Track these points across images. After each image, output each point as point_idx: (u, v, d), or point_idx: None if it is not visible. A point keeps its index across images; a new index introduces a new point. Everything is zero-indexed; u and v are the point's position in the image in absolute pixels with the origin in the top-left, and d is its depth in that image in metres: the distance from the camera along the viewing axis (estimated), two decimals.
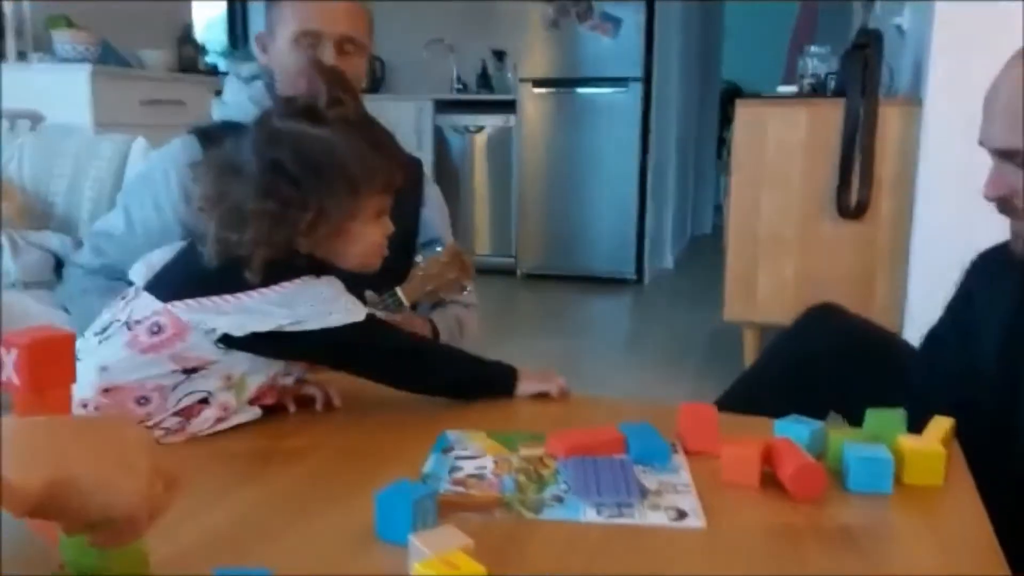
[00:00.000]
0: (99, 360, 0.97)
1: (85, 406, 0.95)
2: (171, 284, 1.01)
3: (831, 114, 2.69)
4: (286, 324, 0.96)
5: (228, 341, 0.97)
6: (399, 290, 1.32)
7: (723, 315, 2.97)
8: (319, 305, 0.98)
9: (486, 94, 5.69)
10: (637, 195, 5.10)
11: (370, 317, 1.03)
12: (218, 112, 1.55)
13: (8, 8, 3.36)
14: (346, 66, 1.47)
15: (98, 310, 1.48)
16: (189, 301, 0.97)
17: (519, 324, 3.94)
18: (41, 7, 3.52)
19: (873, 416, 0.96)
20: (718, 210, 7.29)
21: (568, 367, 3.42)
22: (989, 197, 1.07)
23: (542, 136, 5.22)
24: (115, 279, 1.50)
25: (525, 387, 1.12)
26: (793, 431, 0.95)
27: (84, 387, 0.94)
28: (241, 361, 0.99)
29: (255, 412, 1.02)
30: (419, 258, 1.34)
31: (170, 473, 0.59)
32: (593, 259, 5.20)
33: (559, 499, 0.85)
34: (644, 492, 0.86)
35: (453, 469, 0.92)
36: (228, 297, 0.96)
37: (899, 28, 3.06)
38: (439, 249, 1.29)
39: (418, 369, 1.08)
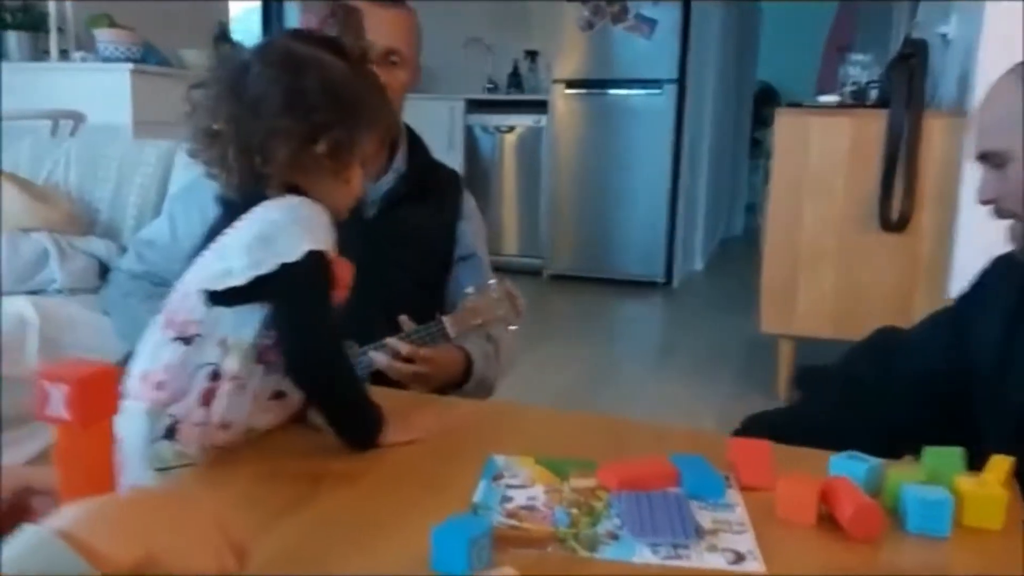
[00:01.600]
0: (143, 350, 0.99)
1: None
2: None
3: (874, 125, 2.66)
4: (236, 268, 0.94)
5: (214, 298, 0.95)
6: (445, 320, 1.31)
7: (759, 327, 2.94)
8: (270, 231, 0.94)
9: (516, 94, 5.68)
10: (668, 197, 5.08)
11: (310, 256, 0.93)
12: None
13: (51, 7, 3.40)
14: (390, 78, 1.47)
15: (139, 315, 1.50)
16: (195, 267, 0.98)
17: (548, 328, 3.93)
18: (83, 6, 3.56)
19: (931, 454, 0.95)
20: (749, 211, 7.23)
21: (599, 374, 3.44)
22: (980, 202, 1.13)
23: (573, 137, 5.21)
24: (157, 285, 1.52)
25: (389, 437, 1.02)
26: (849, 468, 0.93)
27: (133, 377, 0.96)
28: (225, 316, 0.96)
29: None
30: (470, 290, 1.32)
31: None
32: (622, 261, 5.18)
33: (613, 536, 0.85)
34: (700, 531, 0.85)
35: (504, 499, 0.92)
36: (212, 246, 0.96)
37: (944, 37, 3.01)
38: (492, 283, 1.27)
39: (322, 348, 0.97)
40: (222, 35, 4.72)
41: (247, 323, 0.96)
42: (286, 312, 0.95)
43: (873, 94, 2.78)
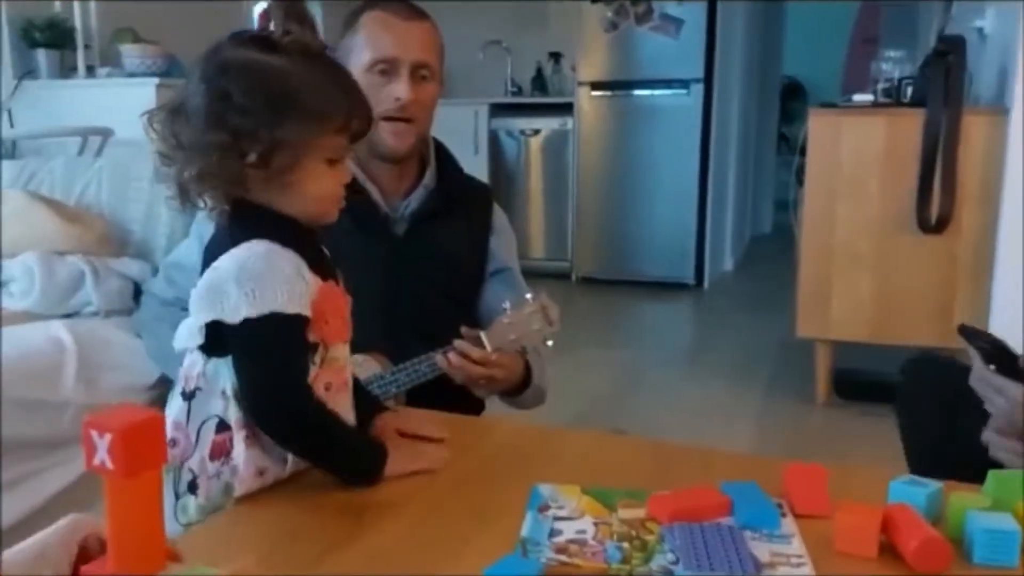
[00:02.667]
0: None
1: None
2: None
3: (910, 124, 2.61)
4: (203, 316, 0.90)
5: (206, 351, 0.94)
6: (483, 334, 1.29)
7: (796, 331, 2.89)
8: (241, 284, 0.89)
9: (540, 97, 5.66)
10: (697, 197, 5.03)
11: (272, 317, 0.88)
12: None
13: (78, 24, 3.42)
14: (421, 92, 1.46)
15: (170, 341, 1.50)
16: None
17: (578, 331, 3.90)
18: (109, 22, 3.58)
19: (995, 478, 0.91)
20: (778, 208, 7.16)
21: (631, 378, 3.41)
22: None
23: (599, 139, 5.18)
24: (185, 310, 1.51)
25: (393, 469, 0.98)
26: (909, 494, 0.90)
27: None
28: (220, 367, 0.93)
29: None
30: (506, 305, 1.31)
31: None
32: (651, 263, 5.14)
33: (668, 573, 0.82)
34: (758, 565, 0.82)
35: (553, 533, 0.89)
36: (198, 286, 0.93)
37: (980, 31, 2.94)
38: (528, 297, 1.25)
39: (282, 408, 0.92)
40: None
41: None
42: (238, 370, 0.92)
43: (908, 92, 2.73)
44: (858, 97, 2.78)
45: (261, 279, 0.89)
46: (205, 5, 4.39)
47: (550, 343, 1.39)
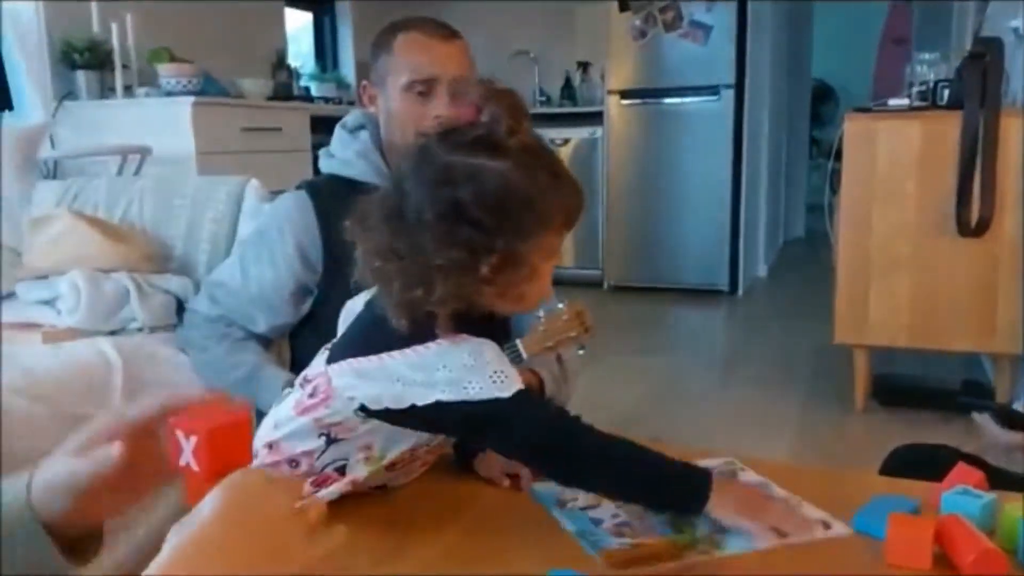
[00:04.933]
0: (276, 414, 0.98)
1: (254, 456, 0.94)
2: (339, 344, 0.98)
3: (947, 127, 2.57)
4: (418, 398, 0.88)
5: (367, 410, 0.92)
6: (519, 343, 1.30)
7: (833, 337, 2.86)
8: (457, 372, 0.87)
9: (570, 106, 5.66)
10: (730, 203, 5.00)
11: (519, 394, 0.88)
12: (325, 165, 1.57)
13: (115, 44, 3.49)
14: (459, 109, 1.47)
15: (217, 357, 1.52)
16: (342, 363, 0.93)
17: (611, 339, 3.89)
18: (144, 41, 3.65)
19: None
20: (811, 211, 7.09)
21: (667, 386, 3.39)
22: None
23: (630, 147, 5.17)
24: (229, 326, 1.54)
25: (722, 512, 0.88)
26: (963, 505, 0.89)
27: (260, 437, 0.96)
28: (380, 430, 0.94)
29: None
30: (540, 313, 1.32)
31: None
32: (684, 270, 5.12)
33: (720, 530, 0.87)
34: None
35: (595, 521, 0.92)
36: (372, 358, 0.90)
37: (1016, 31, 2.90)
38: (560, 306, 1.26)
39: (573, 459, 0.90)
40: (279, 63, 4.81)
41: (400, 441, 0.95)
42: (504, 446, 0.94)
43: (944, 95, 2.69)
44: (893, 101, 2.75)
45: (499, 364, 0.89)
46: (239, 23, 4.46)
47: (581, 352, 1.39)
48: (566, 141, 5.38)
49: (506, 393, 0.87)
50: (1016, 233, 2.55)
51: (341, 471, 0.96)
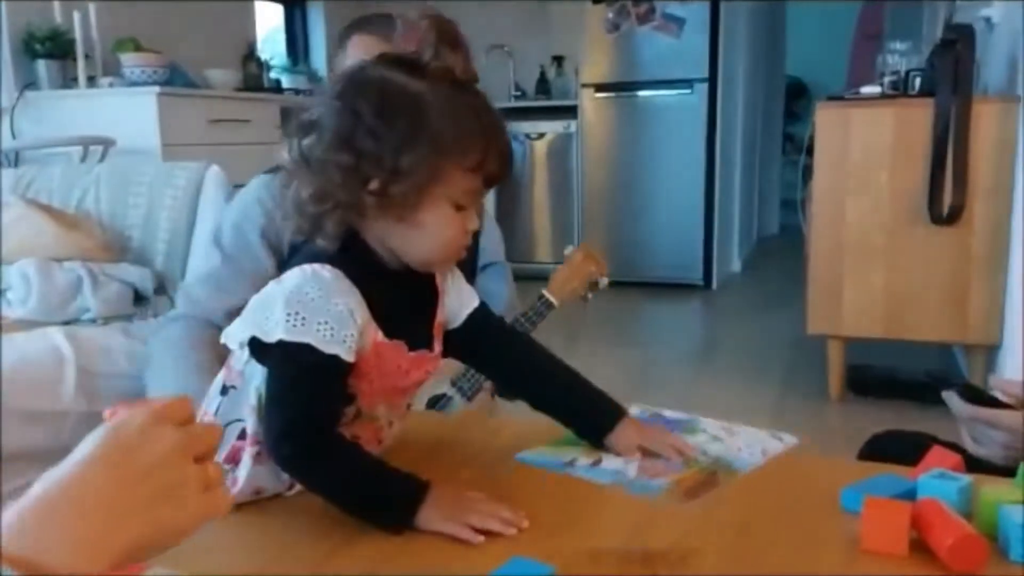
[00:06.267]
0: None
1: None
2: None
3: (919, 115, 2.56)
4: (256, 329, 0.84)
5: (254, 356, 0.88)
6: (545, 292, 1.37)
7: (807, 328, 2.85)
8: (265, 309, 0.84)
9: (544, 100, 5.63)
10: (703, 198, 4.99)
11: (281, 345, 0.82)
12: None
13: (78, 33, 3.41)
14: None
15: (181, 369, 1.46)
16: None
17: (587, 333, 3.86)
18: (109, 31, 3.57)
19: None
20: (784, 207, 7.11)
21: (642, 378, 3.36)
22: None
23: (604, 141, 5.15)
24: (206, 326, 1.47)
25: (428, 519, 0.83)
26: (939, 488, 0.86)
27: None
28: (256, 372, 0.88)
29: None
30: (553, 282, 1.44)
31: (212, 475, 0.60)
32: (658, 265, 5.10)
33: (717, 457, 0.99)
34: None
35: (619, 470, 0.96)
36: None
37: (988, 21, 2.90)
38: (569, 250, 1.36)
39: (291, 439, 0.83)
40: (249, 54, 4.73)
41: None
42: (266, 388, 0.86)
43: (916, 83, 2.68)
44: (866, 89, 2.74)
45: (310, 307, 0.82)
46: (208, 13, 4.38)
47: (605, 282, 1.58)
48: (541, 135, 5.35)
49: (269, 338, 0.83)
50: (988, 221, 2.54)
51: (243, 436, 0.89)
